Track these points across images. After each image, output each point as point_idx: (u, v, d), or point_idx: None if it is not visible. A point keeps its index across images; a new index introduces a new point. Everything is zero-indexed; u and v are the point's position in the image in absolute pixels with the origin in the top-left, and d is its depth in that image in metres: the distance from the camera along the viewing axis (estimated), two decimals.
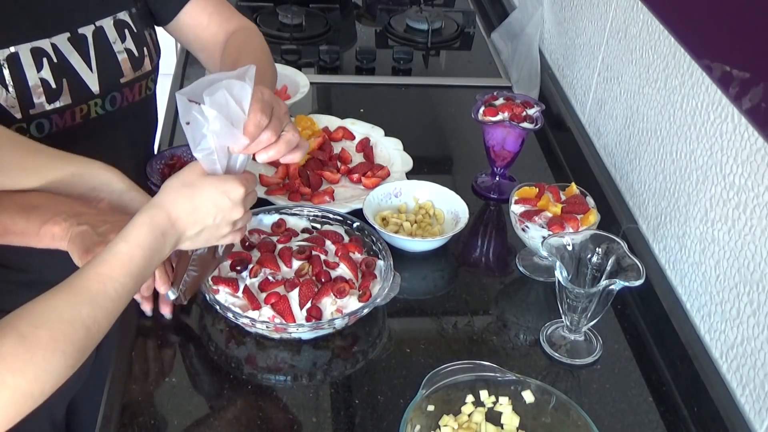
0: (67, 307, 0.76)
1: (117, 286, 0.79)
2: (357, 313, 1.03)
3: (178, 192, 0.87)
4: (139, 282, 0.83)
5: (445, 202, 1.29)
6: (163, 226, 0.85)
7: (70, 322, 0.75)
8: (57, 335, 0.74)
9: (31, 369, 0.72)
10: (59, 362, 0.73)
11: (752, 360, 0.93)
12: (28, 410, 0.73)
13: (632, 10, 1.26)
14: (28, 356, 0.72)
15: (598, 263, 1.05)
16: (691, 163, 1.08)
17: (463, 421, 0.93)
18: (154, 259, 0.84)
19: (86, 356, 0.77)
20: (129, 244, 0.82)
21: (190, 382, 1.00)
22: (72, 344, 0.75)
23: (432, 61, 1.85)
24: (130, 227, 0.83)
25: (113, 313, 0.80)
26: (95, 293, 0.78)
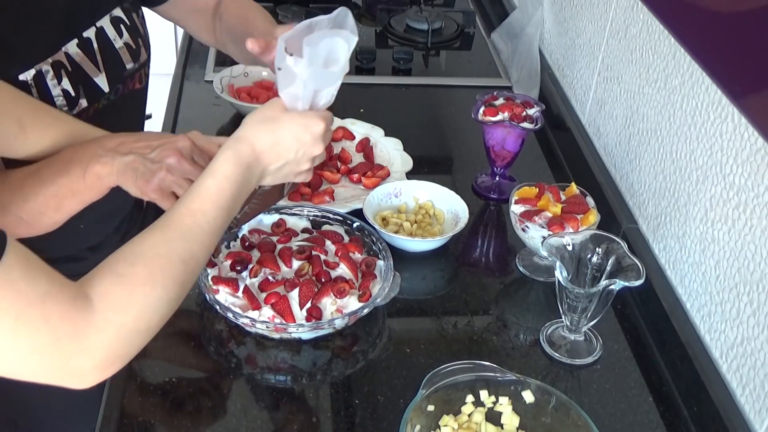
0: (161, 243, 0.78)
1: (209, 220, 0.81)
2: (357, 313, 1.03)
3: (261, 126, 0.88)
4: (229, 215, 0.84)
5: (445, 202, 1.29)
6: (248, 159, 0.86)
7: (167, 256, 0.77)
8: (154, 270, 0.75)
9: (132, 305, 0.73)
10: (161, 296, 0.75)
11: (752, 360, 0.93)
12: (139, 346, 0.74)
13: (632, 10, 1.26)
14: (127, 293, 0.73)
15: (598, 263, 1.05)
16: (691, 163, 1.08)
17: (463, 421, 0.93)
18: (242, 192, 0.86)
19: (187, 290, 0.79)
20: (217, 179, 0.83)
21: (190, 382, 1.00)
22: (171, 278, 0.76)
23: (432, 61, 1.85)
24: (216, 162, 0.85)
25: (208, 247, 0.81)
26: (188, 228, 0.79)
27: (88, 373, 0.72)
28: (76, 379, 0.72)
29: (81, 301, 0.70)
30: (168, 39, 2.59)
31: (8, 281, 0.66)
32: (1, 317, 0.65)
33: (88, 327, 0.70)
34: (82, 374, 0.72)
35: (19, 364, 0.69)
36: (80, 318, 0.70)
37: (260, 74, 1.57)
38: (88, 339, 0.70)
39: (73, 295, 0.70)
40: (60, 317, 0.68)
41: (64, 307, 0.69)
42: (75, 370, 0.71)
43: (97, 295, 0.72)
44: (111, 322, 0.71)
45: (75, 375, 0.71)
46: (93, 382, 0.73)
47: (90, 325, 0.70)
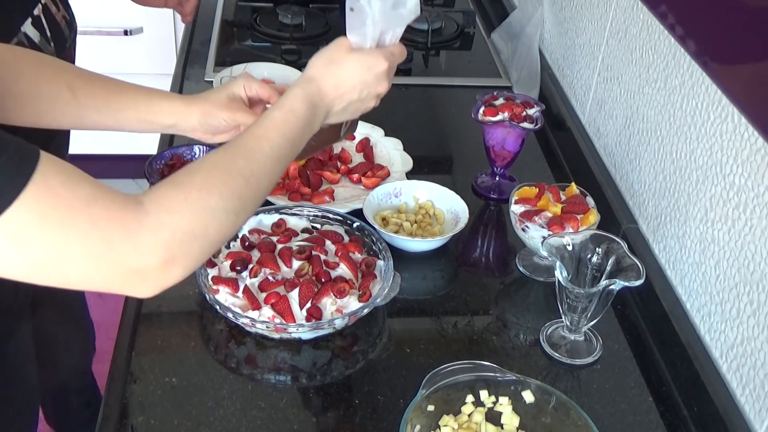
0: (221, 158, 0.80)
1: (273, 145, 0.83)
2: (357, 313, 1.03)
3: (325, 68, 0.92)
4: (293, 148, 0.86)
5: (445, 202, 1.29)
6: (314, 98, 0.89)
7: (225, 169, 0.78)
8: (211, 178, 0.77)
9: (186, 208, 0.73)
10: (217, 203, 0.75)
11: (752, 360, 0.93)
12: (198, 253, 0.74)
13: (632, 10, 1.26)
14: (182, 197, 0.74)
15: (598, 263, 1.05)
16: (691, 163, 1.08)
17: (463, 421, 0.93)
18: (307, 129, 0.88)
19: (248, 208, 0.80)
20: (283, 111, 0.86)
21: (190, 382, 1.00)
22: (229, 189, 0.77)
23: (432, 61, 1.85)
24: (285, 97, 0.88)
25: (270, 170, 0.82)
26: (250, 148, 0.82)
27: (148, 277, 0.71)
28: (137, 283, 0.72)
29: (132, 205, 0.70)
30: (168, 39, 2.59)
31: (47, 188, 0.65)
32: (45, 225, 0.65)
33: (140, 228, 0.70)
34: (143, 277, 0.71)
35: (75, 271, 0.69)
36: (132, 220, 0.70)
37: (262, 73, 1.57)
38: (141, 240, 0.70)
39: (123, 200, 0.70)
40: (108, 220, 0.68)
41: (113, 210, 0.69)
42: (134, 274, 0.70)
43: (150, 200, 0.72)
44: (165, 224, 0.71)
45: (135, 279, 0.71)
46: (156, 288, 0.73)
47: (142, 226, 0.70)
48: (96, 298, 2.48)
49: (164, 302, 1.12)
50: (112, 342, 1.07)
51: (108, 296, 2.48)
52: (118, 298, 1.75)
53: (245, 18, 1.94)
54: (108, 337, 2.31)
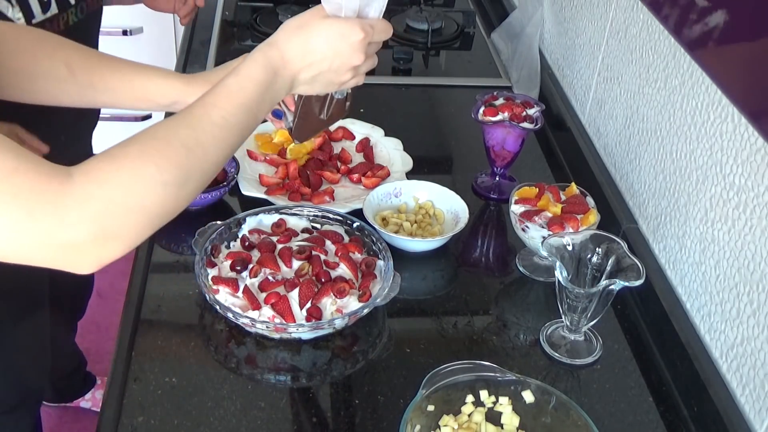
0: (162, 127, 0.76)
1: (223, 114, 0.78)
2: (357, 313, 1.03)
3: (293, 33, 0.86)
4: (251, 117, 0.81)
5: (445, 202, 1.29)
6: (275, 64, 0.83)
7: (165, 138, 0.75)
8: (147, 149, 0.73)
9: (118, 180, 0.70)
10: (152, 175, 0.72)
11: (752, 360, 0.93)
12: (136, 227, 0.71)
13: (632, 10, 1.26)
14: (113, 168, 0.71)
15: (598, 263, 1.05)
16: (691, 163, 1.08)
17: (463, 421, 0.93)
18: (266, 95, 0.83)
19: (195, 179, 0.76)
20: (239, 77, 0.81)
21: (190, 382, 1.00)
22: (166, 159, 0.73)
23: (432, 61, 1.85)
24: (243, 63, 0.83)
25: (221, 139, 0.78)
26: (197, 117, 0.78)
27: (82, 251, 0.69)
28: (72, 257, 0.69)
29: (59, 177, 0.68)
30: (168, 39, 2.59)
31: None
32: None
33: (65, 199, 0.67)
34: (77, 251, 0.69)
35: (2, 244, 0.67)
36: (56, 191, 0.67)
37: None
38: (66, 212, 0.67)
39: (50, 171, 0.68)
40: (30, 191, 0.66)
41: (37, 182, 0.67)
42: (65, 248, 0.68)
43: (79, 172, 0.70)
44: (93, 196, 0.69)
45: (68, 253, 0.69)
46: (93, 263, 0.71)
47: (67, 197, 0.67)
48: (96, 297, 2.47)
49: (164, 302, 1.12)
50: (112, 342, 1.07)
51: (108, 296, 2.51)
52: (117, 298, 1.76)
53: (245, 18, 1.94)
54: (108, 337, 2.31)
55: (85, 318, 2.41)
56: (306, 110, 0.97)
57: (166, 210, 0.74)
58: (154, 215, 0.73)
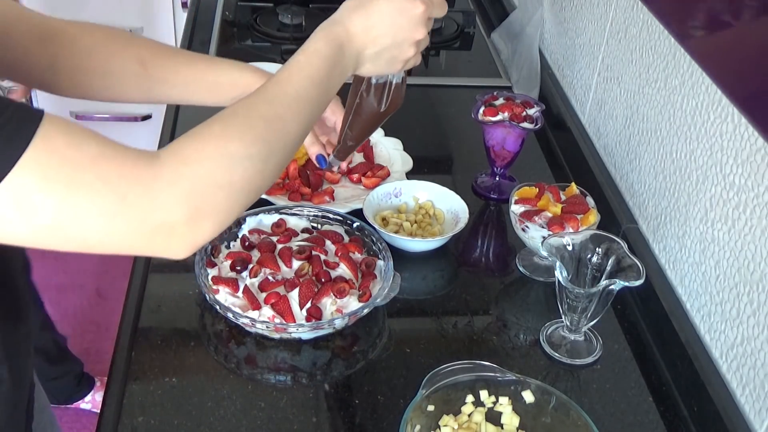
0: (241, 106, 0.76)
1: (296, 87, 0.79)
2: (357, 313, 1.03)
3: (354, 10, 0.85)
4: (322, 91, 0.81)
5: (445, 202, 1.29)
6: (340, 39, 0.83)
7: (245, 115, 0.75)
8: (230, 125, 0.73)
9: (205, 156, 0.70)
10: (237, 149, 0.72)
11: (752, 360, 0.93)
12: (226, 203, 0.71)
13: (632, 10, 1.26)
14: (199, 146, 0.71)
15: (598, 263, 1.05)
16: (691, 163, 1.08)
17: (463, 421, 0.93)
18: (334, 71, 0.82)
19: (277, 153, 0.76)
20: (306, 53, 0.81)
21: (190, 382, 1.00)
22: (250, 134, 0.73)
23: (432, 61, 1.85)
24: (309, 41, 0.83)
25: (297, 112, 0.78)
26: (272, 93, 0.78)
27: (175, 233, 0.69)
28: (165, 240, 0.69)
29: (146, 160, 0.68)
30: (168, 39, 2.59)
31: (49, 149, 0.63)
32: (50, 188, 0.63)
33: (156, 181, 0.67)
34: (169, 233, 0.69)
35: (92, 233, 0.66)
36: (146, 173, 0.67)
37: None
38: (158, 193, 0.67)
39: (136, 155, 0.68)
40: (120, 175, 0.66)
41: (124, 166, 0.66)
42: (157, 230, 0.68)
43: (166, 153, 0.69)
44: (182, 174, 0.68)
45: (161, 236, 0.68)
46: (187, 245, 0.71)
47: (158, 179, 0.67)
48: (96, 297, 2.48)
49: (164, 302, 1.12)
50: (112, 342, 1.07)
51: (108, 296, 2.51)
52: (117, 298, 1.76)
53: (245, 18, 1.94)
54: (108, 337, 2.31)
55: (85, 318, 2.41)
56: (360, 106, 0.97)
57: (254, 185, 0.74)
58: (243, 191, 0.73)
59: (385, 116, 0.99)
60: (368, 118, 0.98)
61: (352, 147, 1.04)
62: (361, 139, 1.03)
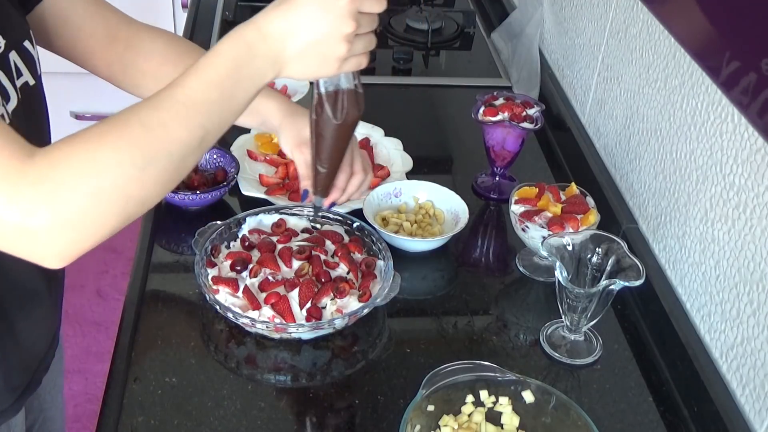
0: (127, 110, 0.73)
1: (188, 92, 0.75)
2: (357, 313, 1.03)
3: (273, 8, 0.80)
4: (225, 94, 0.77)
5: (445, 202, 1.29)
6: (249, 38, 0.78)
7: (124, 120, 0.72)
8: (106, 130, 0.71)
9: (72, 162, 0.68)
10: (109, 156, 0.69)
11: (752, 360, 0.93)
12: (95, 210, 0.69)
13: (632, 10, 1.26)
14: (71, 150, 0.69)
15: (598, 263, 1.05)
16: (691, 163, 1.08)
17: (463, 421, 0.93)
18: (240, 72, 0.77)
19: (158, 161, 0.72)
20: (208, 55, 0.78)
21: (190, 382, 1.00)
22: (124, 140, 0.70)
23: (432, 61, 1.85)
24: (215, 45, 0.80)
25: (188, 119, 0.74)
26: (161, 97, 0.74)
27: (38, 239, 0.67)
28: (29, 243, 0.68)
29: (22, 156, 0.67)
30: None
31: None
32: None
33: (20, 180, 0.66)
34: (33, 238, 0.67)
35: None
36: (14, 169, 0.66)
37: None
38: (20, 192, 0.66)
39: (14, 149, 0.67)
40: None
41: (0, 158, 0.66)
42: (18, 232, 0.67)
43: (41, 152, 0.68)
44: (47, 177, 0.67)
45: (25, 238, 0.67)
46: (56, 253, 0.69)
47: (23, 178, 0.66)
48: (96, 297, 2.48)
49: (164, 302, 1.12)
50: (112, 342, 1.07)
51: (108, 296, 2.51)
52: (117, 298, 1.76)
53: (245, 18, 1.92)
54: (108, 337, 2.31)
55: (85, 318, 2.41)
56: (318, 124, 0.93)
57: (130, 194, 0.71)
58: (115, 200, 0.70)
59: (347, 131, 0.94)
60: (330, 135, 0.93)
61: (327, 175, 0.99)
62: (332, 164, 0.98)
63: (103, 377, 1.03)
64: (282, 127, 1.10)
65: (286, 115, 1.10)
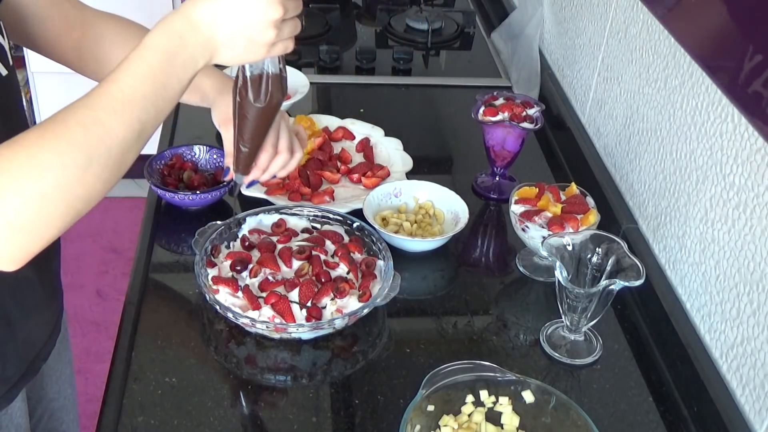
0: (63, 110, 0.74)
1: (122, 87, 0.75)
2: (357, 313, 1.03)
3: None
4: (159, 86, 0.77)
5: (445, 202, 1.29)
6: (179, 28, 0.78)
7: (63, 121, 0.72)
8: (44, 133, 0.71)
9: (14, 167, 0.69)
10: (48, 158, 0.70)
11: (752, 360, 0.93)
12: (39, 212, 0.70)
13: (632, 10, 1.26)
14: (11, 155, 0.70)
15: (598, 263, 1.05)
16: (691, 163, 1.08)
17: (463, 421, 0.93)
18: (174, 62, 0.78)
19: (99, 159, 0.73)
20: (139, 49, 0.77)
21: (190, 382, 1.00)
22: (64, 142, 0.71)
23: (432, 61, 1.85)
24: (144, 37, 0.78)
25: (124, 114, 0.74)
26: (96, 95, 0.75)
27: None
28: None
29: None
30: None
31: None
32: None
33: None
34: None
35: None
36: None
37: None
38: None
39: None
40: None
41: None
42: None
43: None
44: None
45: None
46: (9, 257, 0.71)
47: None
48: (96, 297, 2.48)
49: (164, 302, 1.12)
50: (112, 342, 1.07)
51: (108, 296, 2.51)
52: (117, 298, 1.75)
53: None
54: (108, 337, 2.31)
55: (85, 318, 2.41)
56: (242, 106, 0.93)
57: (74, 195, 0.72)
58: (60, 201, 0.71)
59: (270, 113, 0.95)
60: (252, 117, 0.94)
61: (249, 154, 1.00)
62: (254, 144, 0.99)
63: (103, 377, 1.03)
64: (215, 102, 1.10)
65: (220, 91, 1.09)
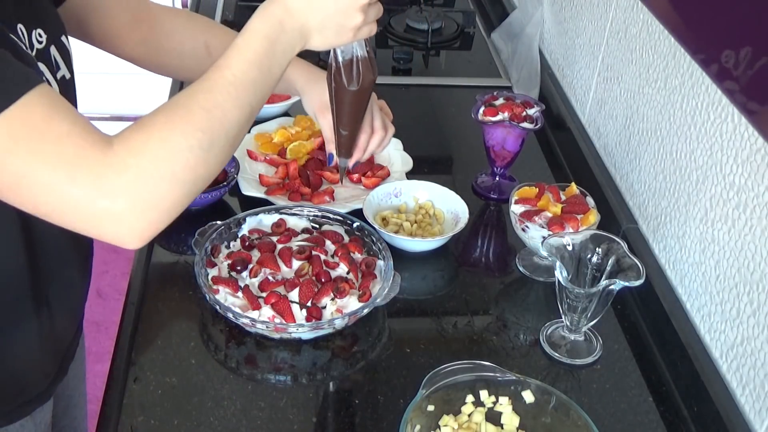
0: (183, 95, 0.79)
1: (234, 72, 0.80)
2: (357, 313, 1.03)
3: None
4: (264, 72, 0.82)
5: (445, 202, 1.29)
6: (278, 15, 0.84)
7: (185, 105, 0.77)
8: (172, 117, 0.76)
9: (149, 149, 0.73)
10: (178, 141, 0.74)
11: (752, 360, 0.93)
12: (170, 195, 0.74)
13: (632, 10, 1.26)
14: (144, 138, 0.74)
15: (598, 263, 1.05)
16: (691, 163, 1.08)
17: (463, 421, 0.93)
18: (276, 49, 0.84)
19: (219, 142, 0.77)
20: (243, 36, 0.83)
21: (190, 382, 1.00)
22: (189, 125, 0.75)
23: (432, 61, 1.85)
24: (246, 24, 0.84)
25: (238, 98, 0.80)
26: (212, 81, 0.80)
27: (121, 220, 0.72)
28: (112, 226, 0.72)
29: (102, 145, 0.72)
30: None
31: (24, 116, 0.68)
32: (16, 151, 0.68)
33: (105, 168, 0.71)
34: (116, 220, 0.72)
35: (43, 203, 0.71)
36: (97, 159, 0.71)
37: None
38: (106, 180, 0.71)
39: (95, 140, 0.72)
40: (75, 157, 0.70)
41: (82, 148, 0.70)
42: (103, 216, 0.71)
43: (118, 140, 0.73)
44: (129, 166, 0.72)
45: (107, 221, 0.72)
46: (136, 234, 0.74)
47: (108, 166, 0.71)
48: (96, 297, 2.48)
49: (164, 302, 1.12)
50: (112, 342, 1.07)
51: (108, 296, 2.51)
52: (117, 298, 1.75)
53: (245, 18, 1.92)
54: (108, 337, 2.31)
55: (85, 318, 2.41)
56: (338, 92, 0.98)
57: (198, 175, 0.76)
58: (187, 181, 0.75)
59: (364, 95, 1.00)
60: (348, 101, 0.99)
61: (349, 137, 1.07)
62: (353, 127, 1.05)
63: (103, 377, 1.03)
64: (304, 92, 1.17)
65: (308, 80, 1.16)
